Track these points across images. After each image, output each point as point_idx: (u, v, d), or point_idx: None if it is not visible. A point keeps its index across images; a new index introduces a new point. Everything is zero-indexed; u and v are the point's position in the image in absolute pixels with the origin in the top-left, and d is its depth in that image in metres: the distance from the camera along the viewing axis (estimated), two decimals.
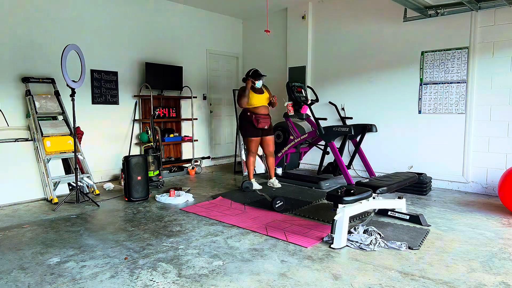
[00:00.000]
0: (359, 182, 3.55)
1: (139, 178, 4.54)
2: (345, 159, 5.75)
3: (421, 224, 3.58)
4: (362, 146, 5.73)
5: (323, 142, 6.07)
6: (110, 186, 5.30)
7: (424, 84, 5.36)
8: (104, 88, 5.73)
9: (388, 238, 3.19)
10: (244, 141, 5.17)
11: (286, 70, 7.01)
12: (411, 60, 5.45)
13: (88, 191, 4.93)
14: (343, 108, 6.25)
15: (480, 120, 4.93)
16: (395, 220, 3.72)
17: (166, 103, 6.54)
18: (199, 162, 6.73)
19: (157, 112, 5.94)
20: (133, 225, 3.67)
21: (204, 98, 7.27)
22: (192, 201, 4.57)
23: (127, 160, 4.54)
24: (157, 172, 5.39)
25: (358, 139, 5.70)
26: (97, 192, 4.92)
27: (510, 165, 4.70)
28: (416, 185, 4.71)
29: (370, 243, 3.02)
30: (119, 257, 2.88)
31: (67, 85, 4.38)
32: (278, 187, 5.25)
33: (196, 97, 6.97)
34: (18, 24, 4.86)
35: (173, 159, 6.63)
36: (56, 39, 5.16)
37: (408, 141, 5.55)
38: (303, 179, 5.59)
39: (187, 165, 6.63)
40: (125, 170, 4.54)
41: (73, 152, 4.70)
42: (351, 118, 6.12)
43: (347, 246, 3.05)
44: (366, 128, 5.58)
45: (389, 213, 3.83)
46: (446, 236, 3.33)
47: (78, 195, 4.48)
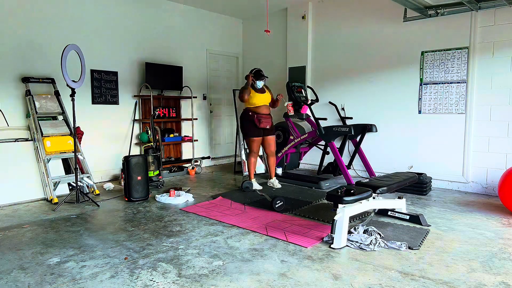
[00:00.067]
0: (359, 182, 3.55)
1: (139, 178, 4.54)
2: (345, 159, 5.75)
3: (421, 224, 3.58)
4: (362, 146, 5.73)
5: (323, 142, 6.07)
6: (110, 186, 5.31)
7: (424, 84, 5.36)
8: (104, 88, 5.73)
9: (388, 238, 3.19)
10: (245, 141, 5.16)
11: (286, 70, 7.01)
12: (411, 60, 5.45)
13: (88, 191, 4.93)
14: (343, 108, 6.25)
15: (480, 120, 4.94)
16: (395, 220, 3.72)
17: (166, 103, 6.54)
18: (199, 162, 6.73)
19: (157, 112, 5.95)
20: (133, 225, 3.68)
21: (204, 98, 7.27)
22: (192, 201, 4.57)
23: (127, 160, 4.54)
24: (157, 172, 5.39)
25: (358, 139, 5.71)
26: (97, 192, 4.92)
27: (510, 165, 4.70)
28: (416, 185, 4.71)
29: (370, 243, 3.02)
30: (119, 257, 2.88)
31: (67, 85, 4.39)
32: (278, 187, 5.25)
33: (196, 97, 6.97)
34: (18, 24, 4.86)
35: (173, 159, 6.63)
36: (56, 39, 5.16)
37: (408, 141, 5.56)
38: (303, 179, 5.59)
39: (187, 165, 6.63)
40: (125, 170, 4.54)
41: (73, 152, 4.70)
42: (351, 118, 6.12)
43: (347, 246, 3.05)
44: (366, 128, 5.58)
45: (389, 213, 3.83)
46: (446, 236, 3.33)
47: (78, 195, 4.49)
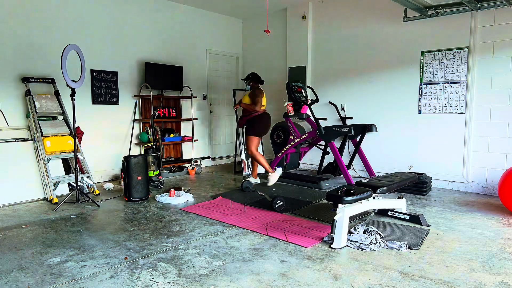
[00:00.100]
0: (359, 182, 3.55)
1: (139, 178, 4.54)
2: (345, 159, 5.75)
3: (421, 224, 3.58)
4: (362, 146, 5.73)
5: (323, 142, 6.07)
6: (110, 186, 5.30)
7: (424, 84, 5.36)
8: (104, 88, 5.73)
9: (388, 238, 3.19)
10: (250, 139, 5.18)
11: (286, 70, 7.01)
12: (411, 60, 5.45)
13: (88, 191, 4.93)
14: (343, 108, 6.25)
15: (480, 120, 4.94)
16: (395, 220, 3.72)
17: (166, 103, 6.54)
18: (199, 162, 6.73)
19: (157, 112, 5.94)
20: (133, 225, 3.68)
21: (204, 98, 7.27)
22: (192, 201, 4.57)
23: (127, 160, 4.54)
24: (157, 172, 5.39)
25: (358, 139, 5.70)
26: (97, 192, 4.92)
27: (510, 165, 4.70)
28: (416, 185, 4.71)
29: (370, 243, 3.02)
30: (119, 257, 2.88)
31: (67, 85, 4.38)
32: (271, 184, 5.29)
33: (196, 97, 6.97)
34: (18, 24, 4.86)
35: (173, 159, 6.63)
36: (56, 39, 5.16)
37: (408, 141, 5.56)
38: (303, 179, 5.59)
39: (187, 165, 6.63)
40: (125, 170, 4.54)
41: (73, 152, 4.70)
42: (351, 118, 6.12)
43: (347, 246, 3.05)
44: (366, 128, 5.58)
45: (389, 213, 3.83)
46: (446, 236, 3.33)
47: (78, 195, 4.49)
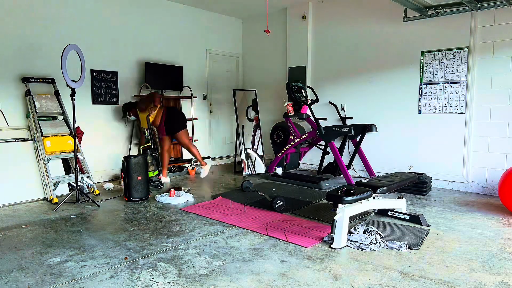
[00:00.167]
0: (359, 182, 3.55)
1: (139, 178, 4.54)
2: (345, 159, 5.75)
3: (421, 224, 3.58)
4: (362, 146, 5.73)
5: (323, 142, 6.07)
6: (110, 186, 5.30)
7: (424, 84, 5.36)
8: (104, 88, 5.73)
9: (388, 238, 3.19)
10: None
11: (286, 70, 7.01)
12: (411, 60, 5.45)
13: (88, 191, 4.93)
14: (343, 108, 6.25)
15: (480, 120, 4.94)
16: (395, 220, 3.72)
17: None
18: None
19: (152, 112, 5.86)
20: (133, 225, 3.67)
21: (204, 98, 7.27)
22: (192, 201, 4.57)
23: (127, 160, 4.54)
24: (156, 172, 5.39)
25: (358, 139, 5.71)
26: (97, 192, 4.92)
27: (510, 165, 4.70)
28: (416, 185, 4.70)
29: (370, 243, 3.02)
30: (119, 257, 2.88)
31: (67, 85, 4.38)
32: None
33: (196, 97, 6.97)
34: (18, 24, 4.86)
35: (173, 159, 6.63)
36: (56, 39, 5.16)
37: (408, 141, 5.55)
38: (303, 179, 5.59)
39: (187, 165, 6.63)
40: (125, 170, 4.54)
41: (73, 152, 4.70)
42: (351, 118, 6.12)
43: (347, 246, 3.05)
44: (366, 128, 5.58)
45: (389, 213, 3.83)
46: (446, 236, 3.33)
47: (78, 195, 4.48)
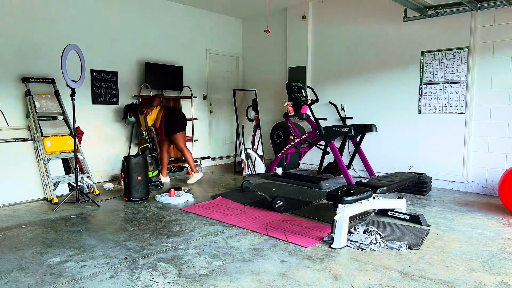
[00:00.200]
0: (359, 182, 3.55)
1: (139, 178, 4.54)
2: (345, 159, 5.75)
3: (421, 224, 3.58)
4: (362, 146, 5.73)
5: (323, 142, 6.07)
6: (110, 186, 5.30)
7: (424, 84, 5.36)
8: (104, 88, 5.73)
9: (388, 238, 3.19)
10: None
11: (286, 70, 7.01)
12: (411, 60, 5.45)
13: (88, 191, 4.93)
14: (343, 108, 6.25)
15: (480, 120, 4.94)
16: (395, 220, 3.72)
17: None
18: (199, 162, 6.72)
19: (150, 113, 5.82)
20: (133, 225, 3.67)
21: (204, 98, 7.26)
22: (192, 201, 4.57)
23: (127, 160, 4.54)
24: (156, 172, 5.39)
25: (358, 139, 5.70)
26: (97, 192, 4.92)
27: (510, 165, 4.70)
28: (416, 185, 4.70)
29: (370, 243, 3.02)
30: (119, 257, 2.88)
31: (67, 85, 4.38)
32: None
33: (196, 97, 6.97)
34: (18, 24, 4.85)
35: (173, 159, 6.63)
36: (56, 39, 5.16)
37: (408, 141, 5.55)
38: (303, 179, 5.59)
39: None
40: (125, 170, 4.54)
41: (73, 152, 4.70)
42: (351, 118, 6.12)
43: (347, 246, 3.05)
44: (366, 128, 5.58)
45: (389, 213, 3.83)
46: (446, 236, 3.33)
47: (78, 195, 4.48)
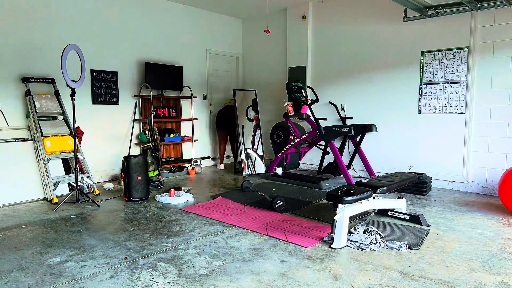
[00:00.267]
0: (359, 182, 3.55)
1: (139, 178, 4.54)
2: (345, 159, 5.75)
3: (421, 224, 3.58)
4: (362, 146, 5.73)
5: (323, 142, 6.07)
6: (110, 186, 5.30)
7: (424, 84, 5.36)
8: (104, 88, 5.73)
9: (388, 238, 3.19)
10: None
11: (286, 70, 7.01)
12: (411, 60, 5.45)
13: (88, 191, 4.93)
14: (343, 108, 6.25)
15: (480, 120, 4.94)
16: (395, 220, 3.72)
17: (166, 103, 6.54)
18: (199, 162, 6.73)
19: (153, 112, 5.86)
20: (133, 225, 3.67)
21: (204, 98, 7.26)
22: (192, 201, 4.57)
23: (127, 160, 4.54)
24: (156, 172, 5.39)
25: (358, 139, 5.70)
26: (97, 192, 4.92)
27: (510, 165, 4.70)
28: (416, 185, 4.71)
29: (370, 243, 3.02)
30: (119, 257, 2.88)
31: (67, 85, 4.38)
32: None
33: (196, 97, 6.97)
34: (18, 24, 4.85)
35: (173, 159, 6.63)
36: (56, 39, 5.16)
37: (408, 141, 5.55)
38: (303, 179, 5.58)
39: (187, 165, 6.63)
40: (125, 170, 4.54)
41: (73, 152, 4.70)
42: (351, 118, 6.12)
43: (347, 246, 3.05)
44: (366, 128, 5.58)
45: (389, 213, 3.83)
46: (446, 236, 3.33)
47: (78, 195, 4.48)
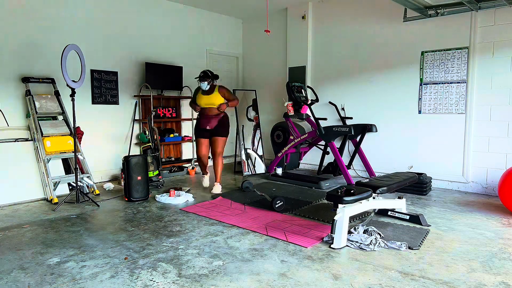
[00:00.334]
0: (359, 182, 3.55)
1: (139, 178, 4.54)
2: (345, 159, 5.75)
3: (421, 224, 3.58)
4: (362, 146, 5.73)
5: (323, 142, 6.07)
6: (110, 186, 5.30)
7: (424, 84, 5.36)
8: (104, 88, 5.73)
9: (388, 238, 3.19)
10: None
11: (286, 70, 7.01)
12: (411, 60, 5.45)
13: (88, 191, 4.93)
14: (343, 108, 6.25)
15: (480, 120, 4.94)
16: (395, 220, 3.72)
17: (166, 103, 6.54)
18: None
19: (153, 113, 5.86)
20: (133, 225, 3.68)
21: None
22: (192, 201, 4.57)
23: (127, 160, 4.54)
24: (156, 172, 5.39)
25: (358, 139, 5.71)
26: (97, 192, 4.92)
27: (510, 165, 4.70)
28: (416, 185, 4.70)
29: (370, 243, 3.02)
30: (119, 257, 2.88)
31: (67, 85, 4.39)
32: (216, 193, 4.92)
33: None
34: (18, 24, 4.85)
35: (173, 159, 6.63)
36: (56, 39, 5.16)
37: (408, 141, 5.55)
38: (303, 179, 5.59)
39: (187, 165, 6.63)
40: (125, 170, 4.54)
41: (73, 152, 4.70)
42: (351, 118, 6.12)
43: (347, 246, 3.05)
44: (366, 128, 5.58)
45: (389, 213, 3.83)
46: (446, 236, 3.33)
47: (78, 195, 4.48)
